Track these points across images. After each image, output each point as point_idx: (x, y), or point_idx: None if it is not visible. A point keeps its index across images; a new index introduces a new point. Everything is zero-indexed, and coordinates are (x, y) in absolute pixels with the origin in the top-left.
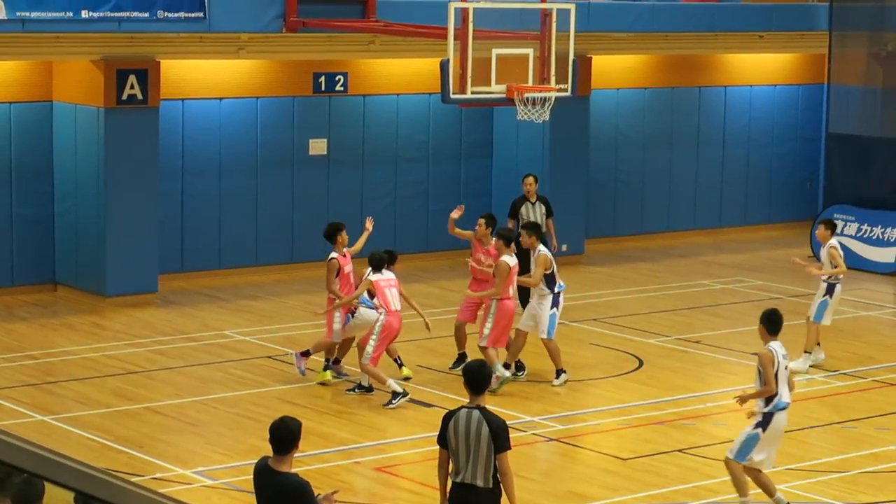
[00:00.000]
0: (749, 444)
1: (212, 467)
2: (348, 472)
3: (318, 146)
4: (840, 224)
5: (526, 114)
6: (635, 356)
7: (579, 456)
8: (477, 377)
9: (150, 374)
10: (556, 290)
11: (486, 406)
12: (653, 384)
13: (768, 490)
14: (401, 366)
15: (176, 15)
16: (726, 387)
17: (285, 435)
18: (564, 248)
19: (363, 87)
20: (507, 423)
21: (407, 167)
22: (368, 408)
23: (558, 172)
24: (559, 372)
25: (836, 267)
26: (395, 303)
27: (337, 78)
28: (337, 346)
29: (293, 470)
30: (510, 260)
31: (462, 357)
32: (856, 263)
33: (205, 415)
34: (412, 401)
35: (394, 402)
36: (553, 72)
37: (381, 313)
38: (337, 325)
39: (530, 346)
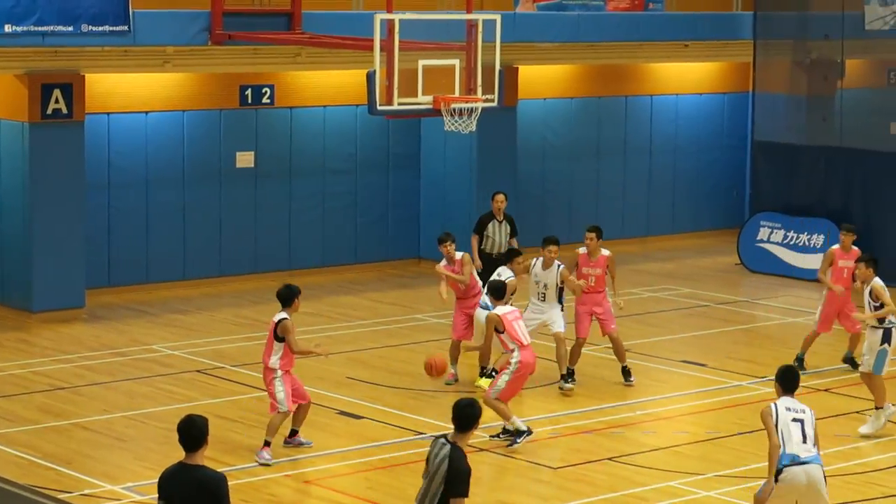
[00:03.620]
0: (763, 489)
1: (141, 483)
2: (278, 486)
3: (245, 159)
4: (766, 231)
5: (453, 125)
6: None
7: (510, 465)
8: (462, 415)
9: (77, 389)
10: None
11: (464, 446)
12: (583, 393)
13: None
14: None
15: (100, 28)
16: (656, 395)
17: (195, 431)
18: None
19: (290, 99)
20: (439, 434)
21: (334, 179)
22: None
23: (486, 183)
24: (568, 373)
25: (883, 306)
26: (526, 337)
27: (263, 90)
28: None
29: None
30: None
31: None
32: (783, 270)
33: (133, 430)
34: (342, 412)
35: (518, 440)
36: (480, 82)
37: (514, 350)
38: (281, 394)
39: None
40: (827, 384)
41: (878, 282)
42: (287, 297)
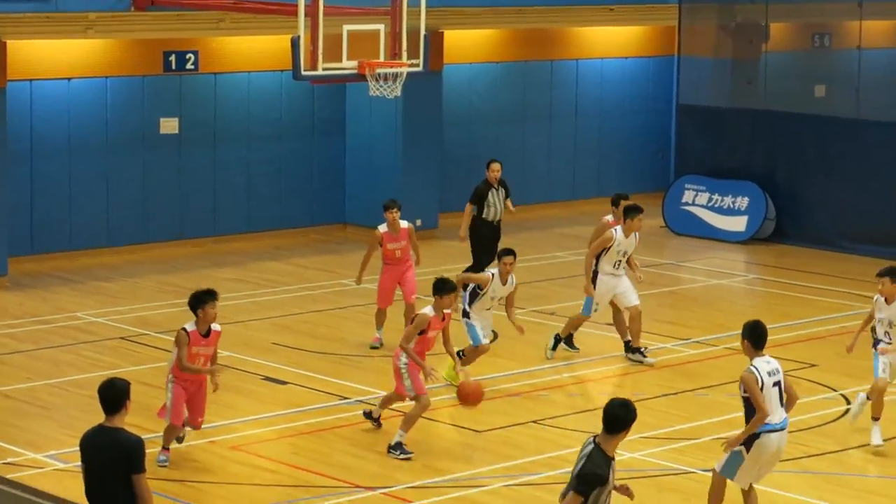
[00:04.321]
0: (732, 462)
1: (64, 450)
2: (203, 452)
3: (169, 125)
4: (691, 194)
5: (378, 90)
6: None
7: (435, 430)
8: (611, 414)
9: (0, 358)
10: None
11: (610, 451)
12: (508, 356)
13: None
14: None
15: None
16: (579, 358)
17: (114, 394)
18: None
19: (214, 65)
20: (364, 398)
21: (259, 145)
22: (221, 387)
23: (412, 148)
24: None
25: None
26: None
27: (187, 56)
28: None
29: None
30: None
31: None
32: (707, 233)
33: (57, 398)
34: (267, 378)
35: (395, 452)
36: (405, 47)
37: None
38: (168, 402)
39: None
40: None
41: None
42: (193, 304)
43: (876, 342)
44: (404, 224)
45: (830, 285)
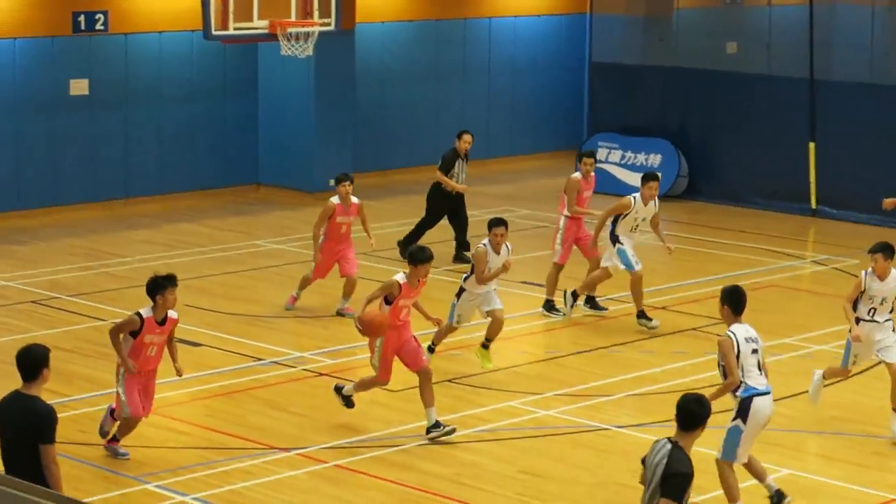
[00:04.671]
0: (733, 439)
1: None
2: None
3: (79, 86)
4: (604, 152)
5: (289, 49)
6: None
7: None
8: (687, 411)
9: None
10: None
11: (688, 448)
12: (419, 316)
13: (759, 476)
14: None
15: None
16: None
17: (31, 361)
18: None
19: (124, 25)
20: (278, 360)
21: (171, 106)
22: None
23: (324, 107)
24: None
25: None
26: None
27: (97, 17)
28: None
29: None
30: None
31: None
32: (620, 190)
33: None
34: (181, 340)
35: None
36: (316, 6)
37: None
38: (122, 397)
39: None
40: (663, 302)
41: None
42: (151, 290)
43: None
44: (355, 200)
45: (743, 241)
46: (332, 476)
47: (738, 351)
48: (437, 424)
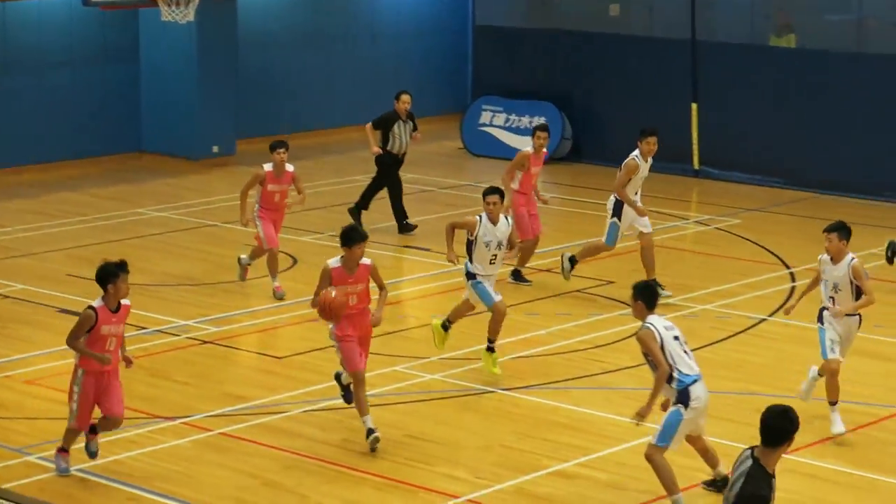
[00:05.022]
0: (672, 424)
1: None
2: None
3: None
4: (488, 115)
5: (170, 14)
6: (289, 255)
7: (235, 357)
8: (772, 426)
9: None
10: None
11: (770, 466)
12: (306, 281)
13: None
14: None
15: None
16: (388, 279)
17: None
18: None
19: None
20: (162, 328)
21: (51, 73)
22: (15, 321)
23: (207, 73)
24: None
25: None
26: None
27: None
28: None
29: None
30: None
31: None
32: (505, 153)
33: None
34: (62, 310)
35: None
36: None
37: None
38: (74, 404)
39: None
40: (548, 265)
41: (857, 259)
42: (101, 278)
43: (821, 313)
44: (290, 168)
45: None
46: (217, 444)
47: (661, 341)
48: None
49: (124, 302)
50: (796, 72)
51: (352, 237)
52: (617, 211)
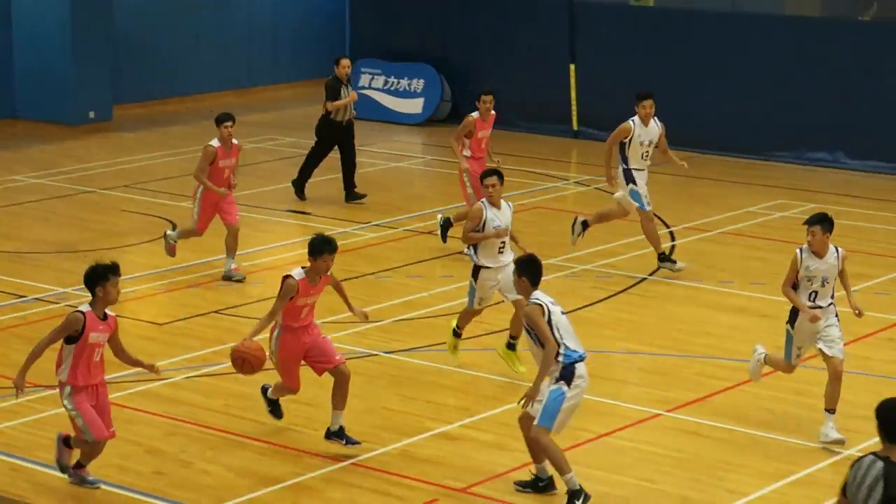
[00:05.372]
0: (554, 403)
1: None
2: None
3: None
4: (367, 78)
5: None
6: (169, 220)
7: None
8: (891, 418)
9: None
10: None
11: None
12: (187, 247)
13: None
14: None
15: None
16: (262, 245)
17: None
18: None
19: None
20: (41, 296)
21: None
22: None
23: (81, 38)
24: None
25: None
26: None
27: None
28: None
29: None
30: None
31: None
32: (385, 116)
33: None
34: None
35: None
36: None
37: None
38: (80, 420)
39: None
40: (429, 227)
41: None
42: (90, 281)
43: (793, 315)
44: (235, 141)
45: (507, 164)
46: None
47: (549, 316)
48: (340, 432)
49: (110, 313)
50: (673, 32)
51: (320, 248)
52: (629, 178)
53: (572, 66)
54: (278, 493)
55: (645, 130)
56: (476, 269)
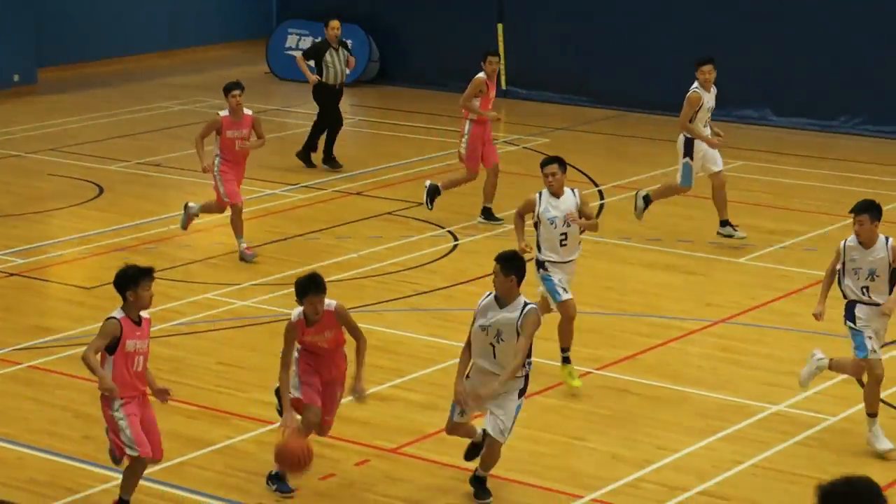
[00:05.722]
0: (515, 415)
1: None
2: None
3: None
4: (294, 38)
5: None
6: (95, 183)
7: (43, 289)
8: None
9: None
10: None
11: None
12: (114, 210)
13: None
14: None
15: None
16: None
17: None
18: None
19: None
20: None
21: None
22: None
23: (3, 1)
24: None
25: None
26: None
27: None
28: None
29: None
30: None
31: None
32: None
33: None
34: None
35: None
36: None
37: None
38: (127, 431)
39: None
40: (358, 188)
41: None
42: (121, 284)
43: (850, 309)
44: (248, 111)
45: (434, 124)
46: (26, 378)
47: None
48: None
49: (144, 315)
50: None
51: (301, 290)
52: (688, 150)
53: (500, 26)
54: (209, 456)
55: (708, 96)
56: (540, 264)
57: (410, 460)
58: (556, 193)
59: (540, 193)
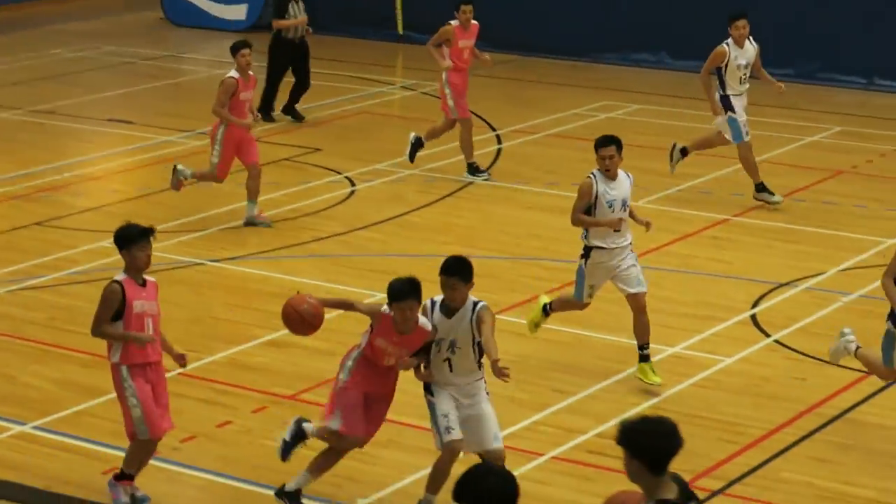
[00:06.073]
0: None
1: None
2: None
3: None
4: None
5: None
6: None
7: None
8: None
9: None
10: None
11: None
12: (6, 159)
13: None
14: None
15: None
16: (84, 155)
17: None
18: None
19: None
20: None
21: None
22: None
23: None
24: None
25: None
26: None
27: None
28: None
29: None
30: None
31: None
32: (207, 22)
33: None
34: None
35: None
36: None
37: None
38: (137, 410)
39: None
40: (256, 134)
41: None
42: (124, 238)
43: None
44: (251, 72)
45: (334, 69)
46: None
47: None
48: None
49: (149, 278)
50: None
51: (393, 294)
52: (728, 105)
53: None
54: (104, 405)
55: (741, 52)
56: (587, 250)
57: (308, 406)
58: (612, 176)
59: (593, 175)
